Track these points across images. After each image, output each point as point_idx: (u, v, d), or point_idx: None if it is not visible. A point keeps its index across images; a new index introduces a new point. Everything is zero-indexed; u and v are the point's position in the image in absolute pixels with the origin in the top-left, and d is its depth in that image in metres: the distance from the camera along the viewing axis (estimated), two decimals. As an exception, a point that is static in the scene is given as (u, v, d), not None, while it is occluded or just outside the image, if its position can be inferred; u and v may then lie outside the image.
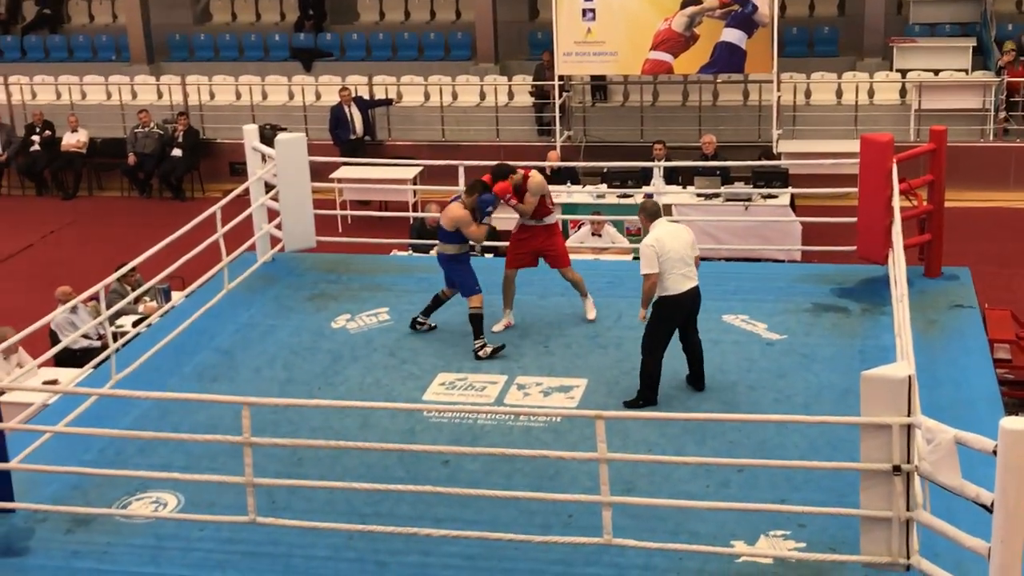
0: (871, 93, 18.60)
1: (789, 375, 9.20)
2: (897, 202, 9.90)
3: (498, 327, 10.10)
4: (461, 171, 12.27)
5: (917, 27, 19.45)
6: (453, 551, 7.12)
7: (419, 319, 10.23)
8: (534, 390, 9.16)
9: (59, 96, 21.35)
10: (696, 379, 9.05)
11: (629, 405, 8.77)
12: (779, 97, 17.62)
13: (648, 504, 7.16)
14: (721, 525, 7.21)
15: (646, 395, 8.81)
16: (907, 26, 19.51)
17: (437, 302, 10.22)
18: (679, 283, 8.67)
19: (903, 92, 18.49)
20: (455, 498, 7.30)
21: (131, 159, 19.30)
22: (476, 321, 9.77)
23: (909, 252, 9.58)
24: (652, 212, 8.95)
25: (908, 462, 6.22)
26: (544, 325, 10.26)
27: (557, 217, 10.50)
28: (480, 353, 9.63)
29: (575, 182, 16.12)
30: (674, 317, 8.80)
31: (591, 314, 10.35)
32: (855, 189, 10.84)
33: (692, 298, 8.78)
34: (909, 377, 6.19)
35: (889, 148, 10.24)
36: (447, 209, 9.91)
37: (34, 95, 21.34)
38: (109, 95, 21.16)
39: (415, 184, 16.76)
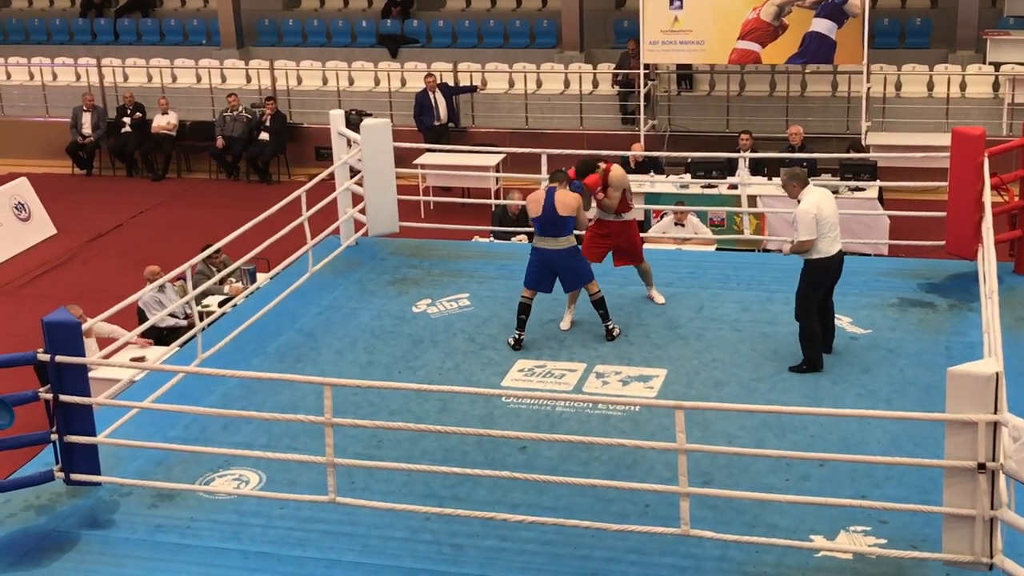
0: (963, 86, 18.25)
1: (873, 370, 9.08)
2: (988, 197, 9.74)
3: (565, 324, 10.01)
4: (544, 159, 12.27)
5: (1012, 20, 19.03)
6: (529, 536, 7.14)
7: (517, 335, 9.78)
8: (613, 379, 9.15)
9: (150, 79, 21.69)
10: (826, 342, 9.26)
11: (794, 370, 9.08)
12: (869, 89, 17.36)
13: (726, 496, 7.11)
14: (800, 519, 7.16)
15: (812, 361, 9.09)
16: (1001, 19, 19.11)
17: (526, 310, 9.77)
18: (831, 246, 9.02)
19: (996, 85, 18.12)
20: (532, 484, 7.32)
21: (219, 142, 19.57)
22: (602, 304, 9.79)
23: (999, 248, 9.40)
24: (803, 179, 9.08)
25: (993, 460, 6.13)
26: (624, 314, 10.22)
27: (634, 214, 10.37)
28: (615, 332, 9.73)
29: (659, 172, 16.04)
30: (824, 279, 9.10)
31: (660, 298, 10.42)
32: (945, 183, 10.68)
33: (840, 260, 9.15)
34: (997, 374, 6.09)
35: (981, 142, 10.07)
36: (560, 196, 9.51)
37: (126, 78, 21.71)
38: (199, 78, 21.45)
39: (498, 171, 16.79)
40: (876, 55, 18.03)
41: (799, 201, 9.03)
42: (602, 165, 10.03)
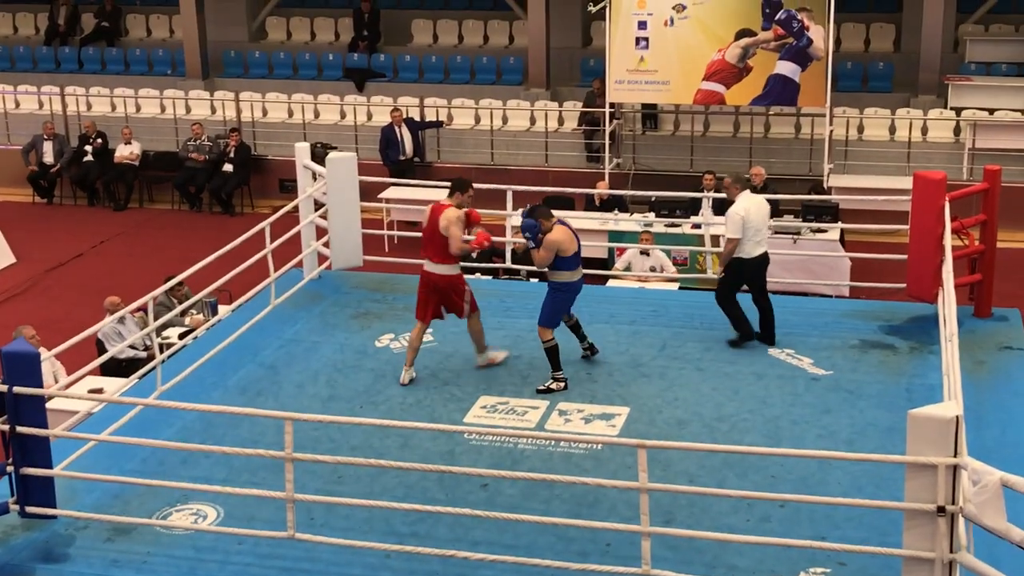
0: (924, 130, 18.47)
1: (834, 411, 9.12)
2: (948, 241, 9.83)
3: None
4: (509, 195, 12.29)
5: (973, 65, 19.31)
6: (490, 575, 7.10)
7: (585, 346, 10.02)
8: (575, 416, 9.14)
9: (114, 108, 21.59)
10: (768, 337, 10.26)
11: (733, 344, 10.22)
12: (831, 131, 17.54)
13: (687, 536, 7.10)
14: (760, 560, 7.15)
15: (743, 336, 10.24)
16: (963, 64, 19.38)
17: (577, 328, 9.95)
18: (754, 249, 10.11)
19: (957, 130, 18.34)
20: (493, 522, 7.29)
21: (198, 157, 19.38)
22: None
23: (959, 292, 9.49)
24: (745, 183, 10.32)
25: (953, 503, 6.15)
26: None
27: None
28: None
29: (623, 210, 16.11)
30: (743, 274, 10.19)
31: (495, 358, 9.99)
32: (906, 226, 10.78)
33: (760, 261, 10.20)
34: (957, 417, 6.12)
35: (942, 186, 10.19)
36: (566, 232, 9.55)
37: (89, 106, 21.59)
38: (163, 109, 21.39)
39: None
40: (839, 98, 18.21)
41: (733, 203, 10.08)
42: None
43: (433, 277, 9.73)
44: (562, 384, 9.50)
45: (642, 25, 17.38)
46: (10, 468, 7.51)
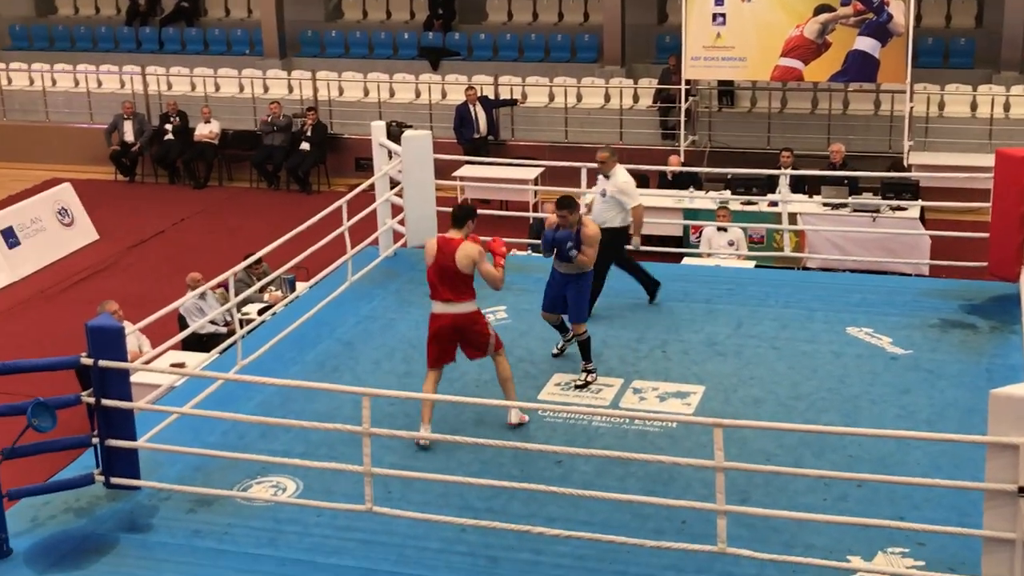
0: (1007, 107, 18.12)
1: (913, 391, 9.02)
2: (1032, 219, 9.67)
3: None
4: (583, 173, 12.27)
5: (1057, 41, 18.92)
6: (564, 551, 7.14)
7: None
8: (650, 395, 9.13)
9: (193, 88, 21.86)
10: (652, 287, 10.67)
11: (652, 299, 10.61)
12: (912, 108, 17.27)
13: (764, 514, 7.08)
14: (838, 540, 7.11)
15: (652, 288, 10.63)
16: (1046, 40, 18.99)
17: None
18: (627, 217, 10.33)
19: (1041, 107, 18.01)
20: (567, 498, 7.31)
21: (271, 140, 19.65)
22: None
23: (1042, 270, 9.35)
24: (617, 156, 10.48)
25: (1035, 484, 6.07)
26: (661, 330, 10.22)
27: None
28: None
29: (698, 187, 16.01)
30: (620, 242, 10.33)
31: (514, 419, 8.75)
32: (987, 204, 10.61)
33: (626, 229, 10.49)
34: (1039, 397, 6.04)
35: (1025, 163, 10.01)
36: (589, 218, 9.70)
37: (170, 86, 21.89)
38: (242, 88, 21.62)
39: (536, 184, 16.81)
40: (919, 74, 17.92)
41: (607, 176, 10.21)
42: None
43: (455, 319, 8.57)
44: (594, 375, 9.39)
45: (719, 1, 17.23)
46: (95, 440, 7.68)
